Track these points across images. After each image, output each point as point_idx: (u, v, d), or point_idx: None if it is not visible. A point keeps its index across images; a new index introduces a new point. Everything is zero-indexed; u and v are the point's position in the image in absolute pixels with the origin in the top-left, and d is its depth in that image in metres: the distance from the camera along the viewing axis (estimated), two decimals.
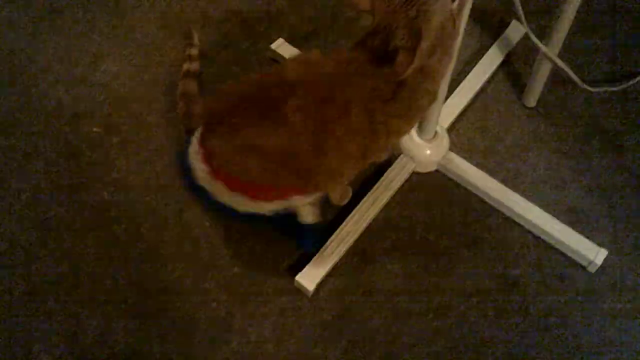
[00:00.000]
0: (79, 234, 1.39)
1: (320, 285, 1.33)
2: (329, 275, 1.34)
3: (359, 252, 1.38)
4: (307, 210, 1.22)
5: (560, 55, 1.44)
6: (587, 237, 1.36)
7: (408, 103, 1.13)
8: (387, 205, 1.42)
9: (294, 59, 1.22)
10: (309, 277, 1.31)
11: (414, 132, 1.43)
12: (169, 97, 1.58)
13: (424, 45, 1.02)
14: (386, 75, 1.08)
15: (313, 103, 1.11)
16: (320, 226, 1.29)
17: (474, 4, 1.12)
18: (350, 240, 1.36)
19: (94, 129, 1.53)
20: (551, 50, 1.41)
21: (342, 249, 1.35)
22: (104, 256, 1.37)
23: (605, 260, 1.34)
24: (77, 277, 1.34)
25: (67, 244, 1.38)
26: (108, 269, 1.35)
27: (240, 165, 1.15)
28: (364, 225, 1.38)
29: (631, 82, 1.57)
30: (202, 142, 1.15)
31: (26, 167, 1.47)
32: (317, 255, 1.33)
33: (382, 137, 1.15)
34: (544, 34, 1.41)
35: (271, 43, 1.64)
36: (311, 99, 1.11)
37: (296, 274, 1.32)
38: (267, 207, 1.18)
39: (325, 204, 1.31)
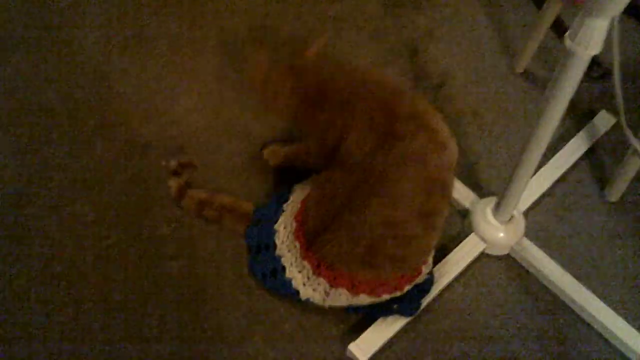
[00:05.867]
0: (134, 265, 1.37)
1: (372, 359, 1.26)
2: (382, 349, 1.28)
3: (416, 329, 1.31)
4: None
5: None
6: None
7: None
8: (452, 284, 1.36)
9: None
10: (363, 348, 1.25)
11: (489, 211, 1.37)
12: (239, 141, 1.57)
13: None
14: None
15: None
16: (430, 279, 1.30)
17: None
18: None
19: (163, 162, 1.53)
20: None
21: (401, 323, 1.29)
22: (156, 292, 1.34)
23: None
24: (125, 310, 1.31)
25: (121, 274, 1.35)
26: (157, 306, 1.32)
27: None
28: (427, 300, 1.32)
29: None
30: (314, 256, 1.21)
31: (92, 192, 1.47)
32: (372, 325, 1.28)
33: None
34: (636, 129, 1.36)
35: None
36: None
37: (348, 341, 1.26)
38: (392, 295, 1.23)
39: None
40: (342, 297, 1.21)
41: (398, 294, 1.22)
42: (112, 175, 1.49)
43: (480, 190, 1.50)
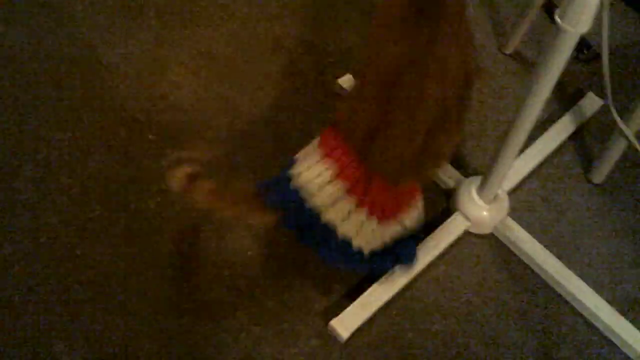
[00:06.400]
0: (119, 238, 1.37)
1: (354, 335, 1.27)
2: (365, 325, 1.29)
3: (398, 306, 1.32)
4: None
5: (637, 136, 1.39)
6: None
7: None
8: (435, 262, 1.37)
9: None
10: (345, 324, 1.26)
11: (474, 190, 1.38)
12: (229, 115, 1.57)
13: None
14: None
15: None
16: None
17: None
18: (392, 292, 1.31)
19: (150, 136, 1.52)
20: (630, 129, 1.36)
21: (383, 299, 1.30)
22: (140, 266, 1.34)
23: None
24: (109, 284, 1.31)
25: (105, 248, 1.35)
26: (141, 280, 1.32)
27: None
28: (408, 277, 1.33)
29: None
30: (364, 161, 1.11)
31: (78, 164, 1.46)
32: (354, 302, 1.29)
33: None
34: (622, 112, 1.37)
35: (339, 77, 1.62)
36: None
37: (330, 318, 1.27)
38: (391, 230, 1.17)
39: None
40: (357, 220, 1.14)
41: (396, 228, 1.18)
42: (98, 148, 1.49)
43: (466, 170, 1.50)
